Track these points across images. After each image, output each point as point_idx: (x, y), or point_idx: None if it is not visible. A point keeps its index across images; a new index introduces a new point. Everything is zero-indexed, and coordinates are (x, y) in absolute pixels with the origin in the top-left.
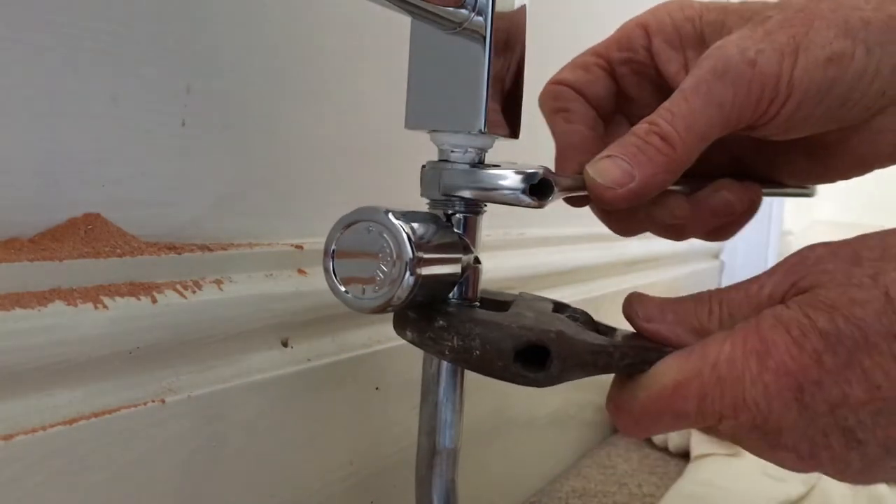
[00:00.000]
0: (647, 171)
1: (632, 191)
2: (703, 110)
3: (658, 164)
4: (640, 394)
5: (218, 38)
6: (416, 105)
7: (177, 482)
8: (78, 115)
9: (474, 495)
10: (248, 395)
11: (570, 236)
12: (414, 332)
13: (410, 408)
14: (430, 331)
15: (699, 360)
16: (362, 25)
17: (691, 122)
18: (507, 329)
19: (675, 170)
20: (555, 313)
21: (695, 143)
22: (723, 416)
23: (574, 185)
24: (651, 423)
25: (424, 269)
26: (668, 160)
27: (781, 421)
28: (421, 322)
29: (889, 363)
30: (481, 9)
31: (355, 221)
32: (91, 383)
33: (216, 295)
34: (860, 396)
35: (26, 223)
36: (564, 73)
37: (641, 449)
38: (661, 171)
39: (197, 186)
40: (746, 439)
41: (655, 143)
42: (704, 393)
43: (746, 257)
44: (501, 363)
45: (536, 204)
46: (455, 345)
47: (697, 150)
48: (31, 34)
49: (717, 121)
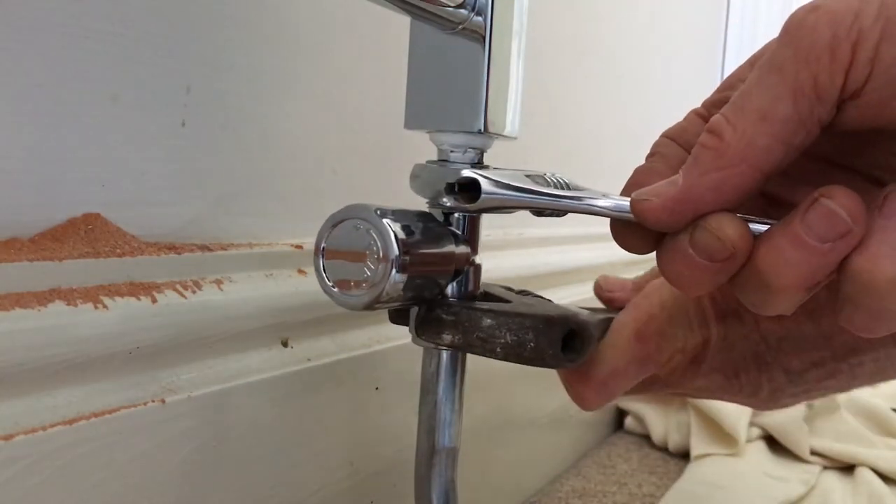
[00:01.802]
0: (692, 175)
1: (671, 199)
2: (760, 83)
3: (703, 164)
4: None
5: (218, 38)
6: (416, 105)
7: (177, 482)
8: (78, 115)
9: (474, 495)
10: (248, 395)
11: (570, 236)
12: (456, 333)
13: (410, 408)
14: (479, 330)
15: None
16: (362, 25)
17: (744, 103)
18: (555, 319)
19: (727, 167)
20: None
21: (753, 129)
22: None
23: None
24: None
25: (412, 267)
26: (715, 154)
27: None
28: (463, 323)
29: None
30: (481, 9)
31: (344, 219)
32: (91, 383)
33: (216, 295)
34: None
35: (26, 223)
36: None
37: (641, 449)
38: (710, 170)
39: (197, 186)
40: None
41: (703, 141)
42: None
43: None
44: (552, 352)
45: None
46: (509, 340)
47: (767, 142)
48: (31, 34)
49: (779, 90)
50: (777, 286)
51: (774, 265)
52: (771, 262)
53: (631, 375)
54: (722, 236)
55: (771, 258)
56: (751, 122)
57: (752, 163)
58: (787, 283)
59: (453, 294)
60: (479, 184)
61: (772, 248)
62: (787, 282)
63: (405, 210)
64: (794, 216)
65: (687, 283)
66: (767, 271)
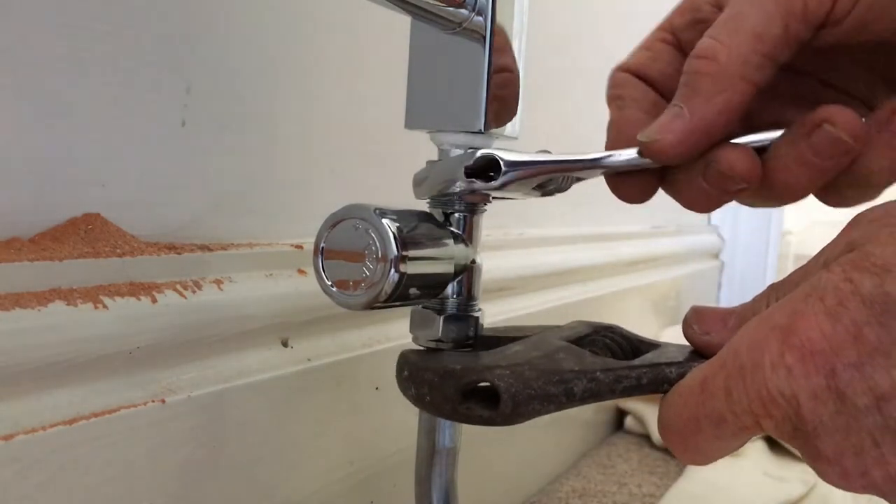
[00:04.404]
0: (696, 103)
1: (685, 131)
2: (753, 4)
3: (705, 90)
4: (675, 401)
5: (218, 38)
6: (416, 105)
7: (177, 482)
8: (78, 115)
9: (474, 495)
10: (248, 395)
11: (570, 236)
12: (397, 381)
13: (410, 407)
14: (401, 382)
15: (725, 351)
16: (362, 25)
17: (738, 24)
18: (452, 373)
19: (729, 88)
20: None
21: (748, 48)
22: (755, 413)
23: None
24: (694, 436)
25: (411, 267)
26: (713, 80)
27: (815, 418)
28: (398, 373)
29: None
30: (481, 9)
31: (343, 219)
32: (91, 383)
33: (216, 295)
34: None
35: (26, 223)
36: (627, 58)
37: (641, 449)
38: (713, 94)
39: (197, 186)
40: (796, 445)
41: (697, 68)
42: (729, 387)
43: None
44: (449, 406)
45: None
46: (413, 393)
47: (759, 60)
48: (31, 34)
49: (773, 12)
50: (786, 195)
51: (785, 181)
52: (782, 178)
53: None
54: (735, 173)
55: (782, 176)
56: (745, 42)
57: (749, 80)
58: (795, 193)
59: (453, 293)
60: (497, 161)
61: (782, 167)
62: (795, 192)
63: (405, 210)
64: (800, 139)
65: (702, 207)
66: (778, 186)
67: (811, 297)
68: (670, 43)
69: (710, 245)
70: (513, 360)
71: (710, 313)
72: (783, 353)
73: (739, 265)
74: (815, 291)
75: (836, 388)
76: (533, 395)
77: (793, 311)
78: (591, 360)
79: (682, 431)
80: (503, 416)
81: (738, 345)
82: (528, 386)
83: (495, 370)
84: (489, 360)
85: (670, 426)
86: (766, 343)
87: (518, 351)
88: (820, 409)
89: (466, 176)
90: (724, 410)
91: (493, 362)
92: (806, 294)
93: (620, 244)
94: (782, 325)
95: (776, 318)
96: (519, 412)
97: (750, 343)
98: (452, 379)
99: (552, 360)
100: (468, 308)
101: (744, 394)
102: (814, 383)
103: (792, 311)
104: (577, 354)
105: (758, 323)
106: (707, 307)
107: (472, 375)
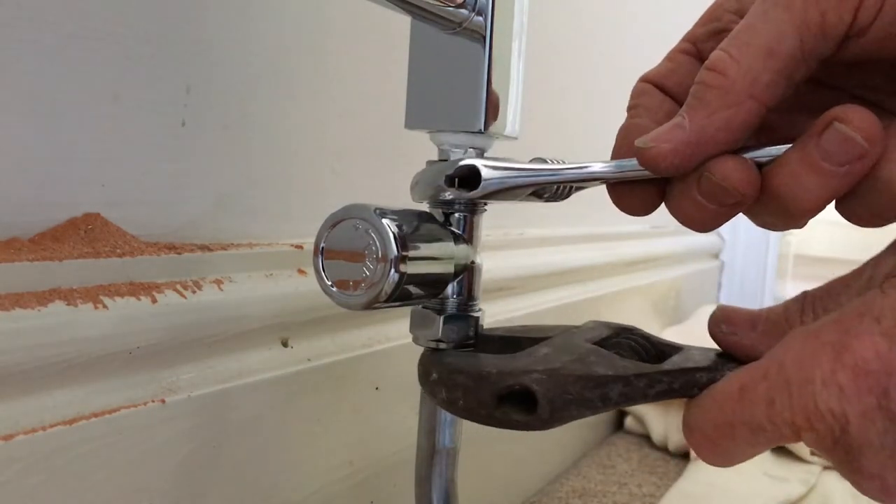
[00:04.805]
0: (699, 116)
1: (682, 142)
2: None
3: (709, 104)
4: (709, 405)
5: (218, 38)
6: (416, 105)
7: (177, 482)
8: (78, 114)
9: (474, 495)
10: (248, 395)
11: (570, 236)
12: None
13: (410, 407)
14: (428, 385)
15: (768, 360)
16: (363, 25)
17: (750, 38)
18: (487, 376)
19: (734, 105)
20: (591, 345)
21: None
22: (797, 426)
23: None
24: (726, 440)
25: (410, 268)
26: (720, 92)
27: (862, 435)
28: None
29: None
30: (481, 9)
31: (343, 219)
32: (91, 383)
33: (216, 295)
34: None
35: (26, 223)
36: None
37: (641, 449)
38: (717, 109)
39: (197, 186)
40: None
41: (705, 80)
42: (772, 397)
43: (746, 257)
44: (485, 411)
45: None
46: (445, 397)
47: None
48: (31, 34)
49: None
50: (796, 210)
51: (792, 191)
52: (789, 188)
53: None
54: (728, 185)
55: (789, 185)
56: (756, 58)
57: (758, 98)
58: (806, 207)
59: (453, 293)
60: (477, 170)
61: (789, 175)
62: (806, 205)
63: (405, 210)
64: (808, 141)
65: (699, 225)
66: (786, 197)
67: (866, 316)
68: (691, 54)
69: (710, 245)
70: (547, 363)
71: (738, 314)
72: (835, 371)
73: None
74: (869, 312)
75: (888, 409)
76: (570, 399)
77: (846, 329)
78: (623, 365)
79: (713, 435)
80: (541, 421)
81: (782, 356)
82: (565, 391)
83: (532, 374)
84: (523, 364)
85: (700, 429)
86: (817, 358)
87: (548, 354)
88: (869, 427)
89: (447, 185)
90: (763, 419)
91: (528, 366)
92: (860, 313)
93: (620, 244)
94: (834, 342)
95: (827, 334)
96: (556, 417)
97: (797, 356)
98: (488, 383)
99: (585, 364)
100: (468, 308)
101: (787, 406)
102: (865, 403)
103: (845, 330)
104: (608, 358)
105: (805, 337)
106: (734, 307)
107: (508, 380)
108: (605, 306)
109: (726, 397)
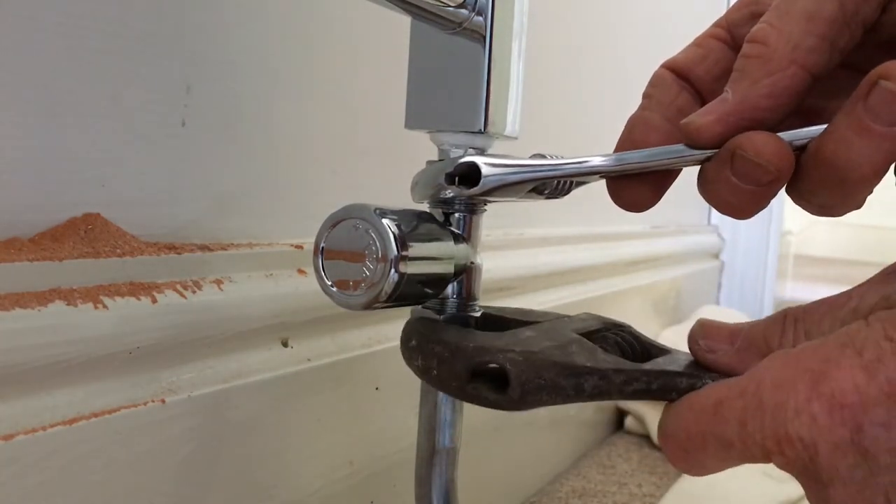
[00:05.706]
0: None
1: (727, 112)
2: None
3: (751, 73)
4: (685, 414)
5: (218, 38)
6: (416, 105)
7: (177, 482)
8: (78, 115)
9: (474, 495)
10: (248, 395)
11: (570, 236)
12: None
13: (410, 407)
14: (406, 350)
15: (747, 378)
16: (362, 25)
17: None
18: (465, 349)
19: (777, 71)
20: (575, 335)
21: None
22: (767, 449)
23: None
24: (698, 451)
25: (410, 268)
26: (761, 62)
27: (831, 467)
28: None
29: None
30: (481, 9)
31: (343, 219)
32: (91, 383)
33: (216, 295)
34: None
35: (26, 223)
36: (677, 54)
37: (641, 449)
38: (760, 77)
39: (197, 186)
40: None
41: (746, 52)
42: (745, 418)
43: (746, 257)
44: (456, 384)
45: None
46: (420, 364)
47: (812, 42)
48: (31, 34)
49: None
50: (853, 179)
51: (845, 158)
52: (841, 156)
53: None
54: (762, 160)
55: (840, 153)
56: (797, 23)
57: (801, 63)
58: (863, 174)
59: (453, 293)
60: (478, 167)
61: (839, 142)
62: (861, 172)
63: (405, 210)
64: (855, 104)
65: (737, 211)
66: (839, 167)
67: (848, 347)
68: (723, 40)
69: (710, 245)
70: (526, 346)
71: (717, 329)
72: (811, 399)
73: (739, 265)
74: (852, 343)
75: (860, 444)
76: (543, 384)
77: (826, 357)
78: (604, 358)
79: (685, 444)
80: (511, 402)
81: (760, 377)
82: (539, 375)
83: (508, 354)
84: (501, 343)
85: (674, 435)
86: (793, 384)
87: (531, 337)
88: (839, 460)
89: (447, 182)
90: (735, 438)
91: (506, 345)
92: (842, 344)
93: (620, 244)
94: (814, 369)
95: (807, 361)
96: (526, 400)
97: (775, 380)
98: (463, 356)
99: (565, 353)
100: (468, 308)
101: (759, 429)
102: (837, 436)
103: (825, 358)
104: (590, 350)
105: (784, 360)
106: (714, 322)
107: (484, 356)
108: (605, 306)
109: (702, 409)
